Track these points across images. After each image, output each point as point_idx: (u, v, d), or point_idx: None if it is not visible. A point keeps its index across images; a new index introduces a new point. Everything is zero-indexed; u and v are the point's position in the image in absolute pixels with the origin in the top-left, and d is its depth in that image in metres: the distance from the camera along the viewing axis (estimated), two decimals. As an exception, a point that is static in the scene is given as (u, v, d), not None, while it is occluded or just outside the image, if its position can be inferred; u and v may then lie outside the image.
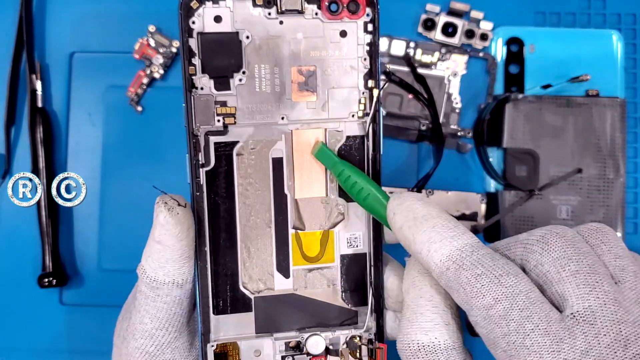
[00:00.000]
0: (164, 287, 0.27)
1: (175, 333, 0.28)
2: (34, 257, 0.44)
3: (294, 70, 0.27)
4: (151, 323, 0.27)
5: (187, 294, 0.27)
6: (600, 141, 0.43)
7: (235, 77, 0.27)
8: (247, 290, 0.28)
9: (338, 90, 0.28)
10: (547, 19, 0.45)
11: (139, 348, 0.28)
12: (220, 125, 0.27)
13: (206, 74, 0.26)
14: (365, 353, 0.29)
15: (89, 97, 0.45)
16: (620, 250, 0.24)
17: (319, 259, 0.29)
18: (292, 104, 0.27)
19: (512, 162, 0.43)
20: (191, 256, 0.27)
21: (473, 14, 0.44)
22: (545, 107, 0.43)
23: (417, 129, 0.44)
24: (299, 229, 0.28)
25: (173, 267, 0.26)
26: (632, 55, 0.45)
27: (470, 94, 0.45)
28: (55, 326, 0.44)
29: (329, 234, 0.29)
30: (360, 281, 0.29)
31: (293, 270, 0.28)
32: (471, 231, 0.44)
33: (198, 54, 0.26)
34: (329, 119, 0.28)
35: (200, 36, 0.26)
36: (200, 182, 0.27)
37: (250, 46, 0.26)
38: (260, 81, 0.27)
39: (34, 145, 0.44)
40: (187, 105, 0.26)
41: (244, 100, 0.27)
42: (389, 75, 0.44)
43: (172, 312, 0.27)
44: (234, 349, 0.28)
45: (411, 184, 0.44)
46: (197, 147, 0.27)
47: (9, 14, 0.45)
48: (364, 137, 0.28)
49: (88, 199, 0.44)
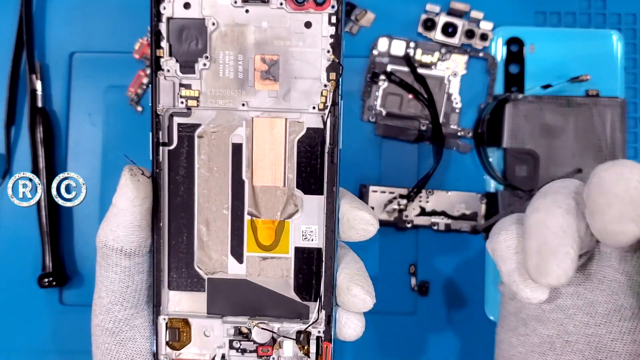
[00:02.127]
0: (112, 254, 0.27)
1: (132, 310, 0.28)
2: (34, 257, 0.44)
3: (258, 58, 0.27)
4: (107, 297, 0.28)
5: (137, 268, 0.28)
6: (600, 141, 0.43)
7: (200, 61, 0.27)
8: (201, 270, 0.29)
9: (300, 81, 0.28)
10: (547, 19, 0.45)
11: (99, 325, 0.28)
12: (184, 107, 0.28)
13: (173, 57, 0.27)
14: (312, 351, 0.29)
15: (89, 97, 0.45)
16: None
17: (273, 248, 0.29)
18: (254, 92, 0.28)
19: (512, 162, 0.43)
20: (142, 226, 0.27)
21: (473, 14, 0.44)
22: (545, 107, 0.43)
23: (417, 129, 0.44)
24: (255, 216, 0.29)
25: (123, 232, 0.27)
26: (632, 55, 0.45)
27: (470, 94, 0.45)
28: (55, 326, 0.44)
29: (284, 225, 0.29)
30: (313, 276, 0.29)
31: (247, 256, 0.29)
32: (471, 231, 0.45)
33: (166, 38, 0.27)
34: (290, 109, 0.28)
35: (169, 21, 0.27)
36: (160, 160, 0.28)
37: (216, 33, 0.27)
38: (224, 67, 0.28)
39: (34, 145, 0.44)
40: (152, 86, 0.28)
41: (208, 85, 0.28)
42: (389, 75, 0.44)
43: (124, 285, 0.28)
44: (185, 325, 0.29)
45: (411, 184, 0.44)
46: (159, 126, 0.28)
47: (9, 14, 0.45)
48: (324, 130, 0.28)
49: (88, 199, 0.44)
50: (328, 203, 0.28)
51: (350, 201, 0.29)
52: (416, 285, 0.44)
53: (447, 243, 0.44)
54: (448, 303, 0.44)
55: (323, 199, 0.28)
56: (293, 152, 0.28)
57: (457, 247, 0.44)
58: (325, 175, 0.28)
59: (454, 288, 0.44)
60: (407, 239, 0.44)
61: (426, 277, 0.44)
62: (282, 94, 0.28)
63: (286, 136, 0.28)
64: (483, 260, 0.44)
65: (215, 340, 0.29)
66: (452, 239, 0.44)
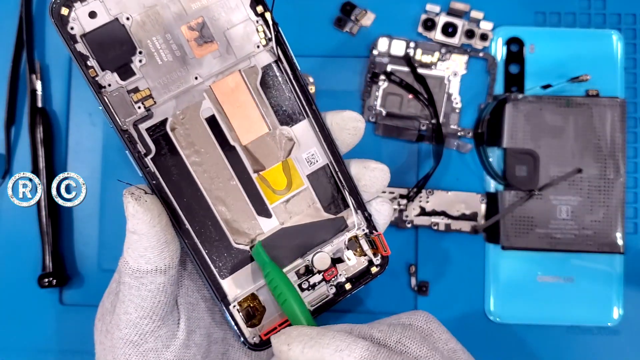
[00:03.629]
0: (147, 275, 0.27)
1: (159, 322, 0.28)
2: (34, 257, 0.44)
3: (184, 29, 0.27)
4: (135, 312, 0.28)
5: (171, 281, 0.28)
6: (600, 141, 0.43)
7: (135, 60, 0.27)
8: (240, 244, 0.29)
9: (233, 30, 0.28)
10: (547, 19, 0.45)
11: (122, 338, 0.28)
12: (143, 111, 0.27)
13: (107, 70, 0.27)
14: (366, 247, 0.30)
15: (89, 97, 0.45)
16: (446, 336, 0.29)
17: (290, 188, 0.30)
18: (199, 61, 0.27)
19: (512, 162, 0.43)
20: (168, 241, 0.27)
21: (473, 14, 0.44)
22: (545, 107, 0.43)
23: (417, 129, 0.44)
24: (260, 170, 0.29)
25: (153, 253, 0.27)
26: (632, 55, 0.45)
27: (470, 94, 0.45)
28: (55, 326, 0.44)
29: (289, 163, 0.29)
30: (334, 189, 0.30)
31: (272, 209, 0.30)
32: (471, 231, 0.45)
33: (91, 55, 0.26)
34: (238, 60, 0.28)
35: (84, 38, 0.26)
36: (151, 170, 0.28)
37: (134, 26, 0.27)
38: (159, 53, 0.27)
39: (34, 145, 0.44)
40: (103, 107, 0.27)
41: (153, 78, 0.27)
42: (389, 75, 0.44)
43: (157, 301, 0.28)
44: (254, 299, 0.30)
45: (411, 184, 0.44)
46: (133, 140, 0.27)
47: (9, 14, 0.45)
48: (277, 62, 0.28)
49: (88, 199, 0.44)
50: (315, 120, 0.29)
51: (331, 111, 0.30)
52: (416, 285, 0.44)
53: (447, 243, 0.44)
54: (448, 303, 0.44)
55: (308, 121, 0.29)
56: (261, 96, 0.29)
57: (457, 247, 0.44)
58: (300, 99, 0.29)
59: (454, 288, 0.44)
60: (407, 239, 0.44)
61: (426, 277, 0.44)
62: (224, 50, 0.28)
63: (248, 85, 0.28)
64: (483, 260, 0.44)
65: None
66: (452, 239, 0.44)
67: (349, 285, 0.30)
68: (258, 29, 0.28)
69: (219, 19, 0.27)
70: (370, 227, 0.30)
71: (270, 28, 0.28)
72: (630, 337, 0.44)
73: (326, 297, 0.30)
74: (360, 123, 0.30)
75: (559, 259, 0.43)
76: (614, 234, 0.43)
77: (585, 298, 0.43)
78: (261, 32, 0.28)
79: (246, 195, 0.29)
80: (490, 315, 0.44)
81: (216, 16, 0.27)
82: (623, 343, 0.44)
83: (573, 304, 0.43)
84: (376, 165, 0.30)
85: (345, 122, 0.29)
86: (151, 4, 0.27)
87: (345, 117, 0.29)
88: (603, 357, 0.44)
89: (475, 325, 0.44)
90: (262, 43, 0.28)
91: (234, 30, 0.28)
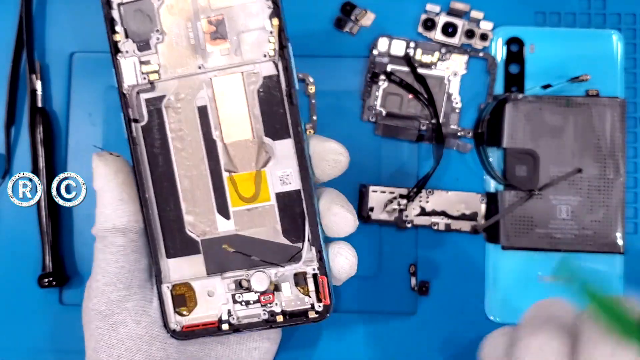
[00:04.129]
0: (107, 234, 0.28)
1: (124, 291, 0.29)
2: (34, 257, 0.44)
3: (205, 22, 0.29)
4: (102, 279, 0.29)
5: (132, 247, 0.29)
6: (600, 141, 0.43)
7: (153, 36, 0.29)
8: (192, 233, 0.30)
9: (247, 34, 0.29)
10: (547, 19, 0.45)
11: (92, 308, 0.29)
12: (147, 82, 0.30)
13: (129, 38, 0.30)
14: (312, 288, 0.30)
15: (89, 97, 0.45)
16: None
17: (255, 199, 0.30)
18: (208, 54, 0.29)
19: (512, 162, 0.43)
20: (124, 200, 0.29)
21: (473, 14, 0.44)
22: (545, 107, 0.43)
23: (417, 129, 0.44)
24: (232, 172, 0.30)
25: (109, 209, 0.28)
26: (632, 55, 0.45)
27: (470, 94, 0.45)
28: (54, 326, 0.44)
29: (262, 174, 0.30)
30: (298, 217, 0.30)
31: (233, 212, 0.30)
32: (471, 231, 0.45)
33: (120, 22, 0.29)
34: (243, 62, 0.29)
35: (120, 6, 0.29)
36: (134, 136, 0.30)
37: (162, 8, 0.29)
38: (176, 37, 0.29)
39: (34, 145, 0.44)
40: (115, 68, 0.30)
41: (165, 57, 0.29)
42: (389, 75, 0.44)
43: (119, 266, 0.29)
44: (190, 290, 0.30)
45: (411, 184, 0.44)
46: (128, 104, 0.30)
47: (9, 14, 0.45)
48: (278, 75, 0.29)
49: (88, 199, 0.44)
50: (296, 143, 0.29)
51: (318, 137, 0.30)
52: (416, 285, 0.44)
53: (447, 243, 0.44)
54: (448, 303, 0.44)
55: (292, 141, 0.29)
56: (255, 102, 0.29)
57: (457, 247, 0.44)
58: (288, 117, 0.29)
59: (454, 288, 0.44)
60: (407, 239, 0.44)
61: (426, 277, 0.44)
62: (233, 49, 0.29)
63: (245, 89, 0.29)
64: (483, 260, 0.44)
65: (219, 298, 0.30)
66: (452, 239, 0.44)
67: (280, 318, 0.30)
68: (270, 39, 0.29)
69: (238, 20, 0.29)
70: (322, 268, 0.30)
71: (278, 42, 0.29)
72: (630, 337, 0.44)
73: (256, 319, 0.30)
74: (341, 157, 0.29)
75: (558, 259, 0.43)
76: (614, 234, 0.43)
77: (585, 298, 0.43)
78: (271, 43, 0.29)
79: (212, 190, 0.30)
80: (490, 315, 0.44)
81: (235, 17, 0.29)
82: (623, 343, 0.44)
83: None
84: (339, 210, 0.29)
85: (326, 153, 0.29)
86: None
87: (327, 148, 0.29)
88: (603, 357, 0.44)
89: (475, 325, 0.44)
90: (270, 54, 0.29)
91: (247, 35, 0.29)
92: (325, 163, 0.29)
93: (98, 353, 0.29)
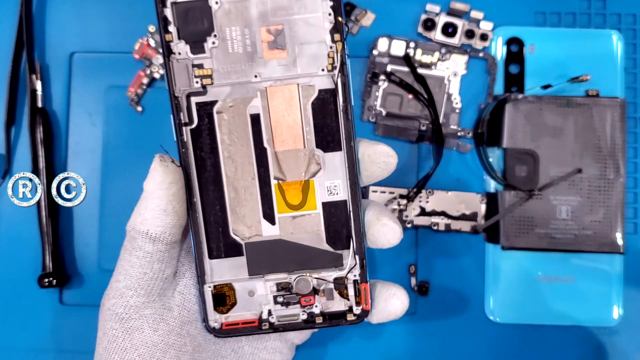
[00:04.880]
0: (138, 237, 0.28)
1: (144, 298, 0.29)
2: (34, 257, 0.44)
3: (263, 30, 0.29)
4: (124, 281, 0.29)
5: (159, 257, 0.29)
6: (600, 141, 0.43)
7: (209, 40, 0.29)
8: (237, 236, 0.30)
9: (307, 46, 0.29)
10: (547, 19, 0.45)
11: (110, 309, 0.29)
12: (199, 86, 0.29)
13: (182, 40, 0.29)
14: (351, 293, 0.31)
15: (89, 97, 0.45)
16: None
17: (302, 207, 0.30)
18: (264, 62, 0.29)
19: (512, 162, 0.43)
20: (168, 211, 0.28)
21: (473, 14, 0.44)
22: (545, 107, 0.43)
23: (417, 129, 0.44)
24: (281, 180, 0.30)
25: (149, 215, 0.28)
26: (632, 55, 0.45)
27: (470, 94, 0.45)
28: (55, 326, 0.44)
29: (309, 183, 0.30)
30: (343, 226, 0.31)
31: (278, 218, 0.30)
32: (471, 231, 0.45)
33: (173, 22, 0.28)
34: (300, 75, 0.29)
35: (174, 5, 0.28)
36: (184, 140, 0.29)
37: (220, 11, 0.28)
38: (232, 43, 0.29)
39: (34, 145, 0.44)
40: (166, 70, 0.29)
41: (219, 62, 0.29)
42: (389, 75, 0.44)
43: (142, 272, 0.28)
44: (230, 289, 0.31)
45: (411, 184, 0.44)
46: (179, 108, 0.29)
47: (9, 14, 0.45)
48: (334, 90, 0.29)
49: (88, 199, 0.44)
50: (348, 157, 0.30)
51: (367, 141, 0.30)
52: (416, 285, 0.44)
53: (447, 243, 0.44)
54: (448, 303, 0.44)
55: (342, 154, 0.30)
56: (308, 114, 0.30)
57: (457, 247, 0.44)
58: (342, 131, 0.29)
59: (454, 288, 0.44)
60: (407, 239, 0.44)
61: (426, 277, 0.44)
62: (290, 61, 0.29)
63: (300, 100, 0.29)
64: (483, 260, 0.44)
65: (260, 299, 0.31)
66: (452, 239, 0.44)
67: (320, 320, 0.31)
68: (329, 54, 0.29)
69: (297, 31, 0.29)
70: (363, 275, 0.30)
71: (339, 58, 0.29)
72: (630, 337, 0.44)
73: (296, 319, 0.31)
74: (392, 159, 0.30)
75: (559, 259, 0.43)
76: (614, 234, 0.43)
77: (585, 298, 0.43)
78: (330, 58, 0.29)
79: (260, 196, 0.30)
80: (490, 315, 0.44)
81: (295, 28, 0.29)
82: (623, 343, 0.44)
83: (573, 304, 0.43)
84: (388, 221, 0.30)
85: (377, 156, 0.30)
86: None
87: (378, 151, 0.30)
88: (603, 357, 0.44)
89: (475, 325, 0.44)
90: (327, 68, 0.29)
91: (306, 47, 0.29)
92: (375, 166, 0.30)
93: (110, 353, 0.29)
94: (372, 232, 0.30)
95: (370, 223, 0.30)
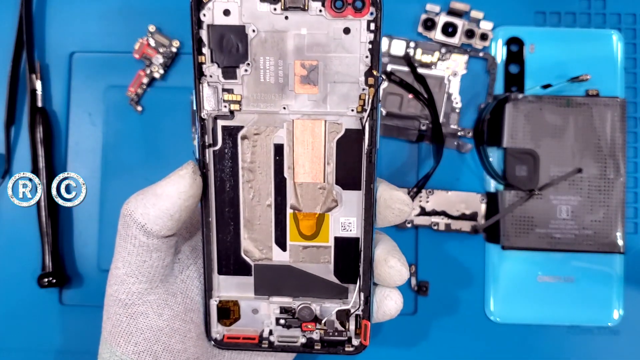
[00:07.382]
0: (133, 226, 0.28)
1: (146, 284, 0.29)
2: (34, 257, 0.44)
3: (297, 64, 0.28)
4: (123, 268, 0.29)
5: (155, 247, 0.29)
6: (601, 141, 0.43)
7: (241, 67, 0.28)
8: (247, 257, 0.31)
9: (339, 85, 0.29)
10: (547, 19, 0.45)
11: (112, 295, 0.29)
12: (227, 111, 0.29)
13: (215, 63, 0.28)
14: (352, 327, 0.31)
15: (89, 97, 0.45)
16: None
17: (314, 238, 0.31)
18: (294, 96, 0.29)
19: (512, 162, 0.43)
20: (174, 218, 0.28)
21: (473, 14, 0.44)
22: (545, 107, 0.43)
23: (417, 129, 0.44)
24: (297, 210, 0.30)
25: (154, 213, 0.28)
26: (632, 55, 0.45)
27: (470, 94, 0.45)
28: (55, 326, 0.44)
29: (324, 217, 0.30)
30: (352, 261, 0.31)
31: (290, 245, 0.31)
32: (471, 231, 0.44)
33: (207, 45, 0.28)
34: (328, 112, 0.29)
35: (210, 28, 0.28)
36: (207, 161, 0.29)
37: (256, 39, 0.28)
38: (264, 72, 0.28)
39: (34, 145, 0.44)
40: (196, 92, 0.28)
41: (249, 89, 0.29)
42: (389, 75, 0.44)
43: (141, 260, 0.29)
44: (235, 306, 0.31)
45: (411, 184, 0.44)
46: (205, 130, 0.29)
47: (9, 14, 0.45)
48: (361, 131, 0.29)
49: (88, 199, 0.44)
50: (366, 199, 0.30)
51: (387, 184, 0.30)
52: (416, 285, 0.44)
53: (447, 243, 0.44)
54: (448, 303, 0.44)
55: (361, 194, 0.30)
56: (332, 151, 0.30)
57: (457, 247, 0.44)
58: (363, 173, 0.29)
59: (454, 288, 0.44)
60: (407, 239, 0.44)
61: (426, 277, 0.44)
62: (321, 97, 0.29)
63: (325, 136, 0.29)
64: (483, 260, 0.44)
65: (263, 317, 0.31)
66: (452, 239, 0.44)
67: (318, 346, 0.31)
68: (361, 96, 0.29)
69: (331, 69, 0.28)
70: (366, 312, 0.31)
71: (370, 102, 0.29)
72: (630, 337, 0.44)
73: (295, 342, 0.31)
74: (407, 207, 0.30)
75: (559, 259, 0.43)
76: (614, 234, 0.43)
77: (585, 298, 0.43)
78: (361, 99, 0.29)
79: (274, 222, 0.30)
80: (490, 315, 0.44)
81: (330, 66, 0.28)
82: (623, 343, 0.44)
83: (573, 304, 0.43)
84: (395, 264, 0.29)
85: (392, 202, 0.30)
86: (281, 29, 0.28)
87: (394, 196, 0.30)
88: (603, 357, 0.44)
89: (475, 325, 0.44)
90: (357, 109, 0.29)
91: (338, 86, 0.29)
92: (390, 211, 0.30)
93: (115, 337, 0.29)
94: (379, 271, 0.30)
95: (378, 262, 0.30)
